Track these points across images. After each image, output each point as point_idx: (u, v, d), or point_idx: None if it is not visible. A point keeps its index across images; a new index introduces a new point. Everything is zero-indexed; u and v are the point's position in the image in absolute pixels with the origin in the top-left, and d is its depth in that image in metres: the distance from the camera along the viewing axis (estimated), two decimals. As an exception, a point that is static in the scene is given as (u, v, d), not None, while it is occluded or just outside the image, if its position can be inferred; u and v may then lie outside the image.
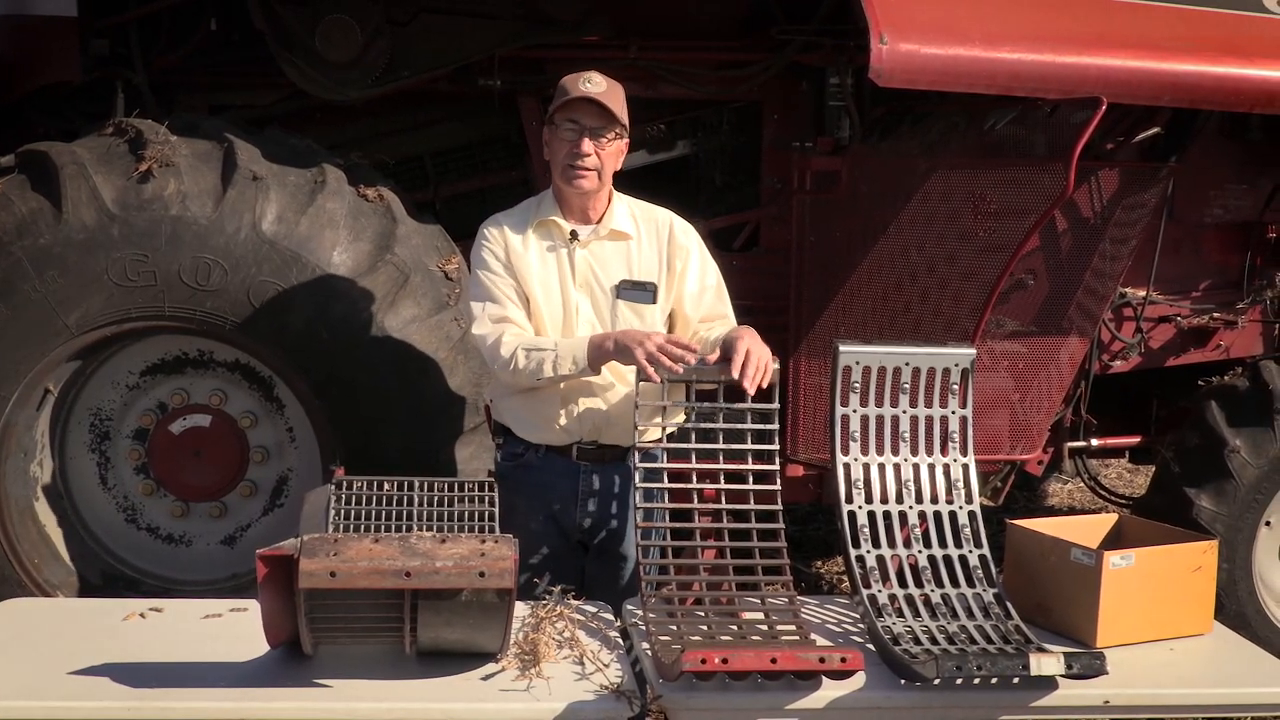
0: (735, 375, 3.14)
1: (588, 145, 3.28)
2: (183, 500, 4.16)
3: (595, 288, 3.37)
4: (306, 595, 2.51)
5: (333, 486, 2.98)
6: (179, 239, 3.77)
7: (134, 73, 4.33)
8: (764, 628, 2.96)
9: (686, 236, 3.48)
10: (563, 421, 3.35)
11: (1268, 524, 4.59)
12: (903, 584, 3.06)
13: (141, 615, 3.05)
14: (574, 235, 3.37)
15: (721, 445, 3.23)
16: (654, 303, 3.40)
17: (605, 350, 3.20)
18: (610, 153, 3.33)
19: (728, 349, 3.22)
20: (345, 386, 3.84)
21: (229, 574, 4.13)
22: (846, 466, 3.19)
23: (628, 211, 3.46)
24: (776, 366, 3.21)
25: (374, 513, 2.92)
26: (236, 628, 2.95)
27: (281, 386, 4.06)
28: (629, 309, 3.38)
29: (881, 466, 3.21)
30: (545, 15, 4.27)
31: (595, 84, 3.28)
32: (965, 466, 3.23)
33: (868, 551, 3.10)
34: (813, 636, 2.94)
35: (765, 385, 3.20)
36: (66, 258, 3.76)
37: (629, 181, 4.75)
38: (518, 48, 4.32)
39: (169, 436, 4.09)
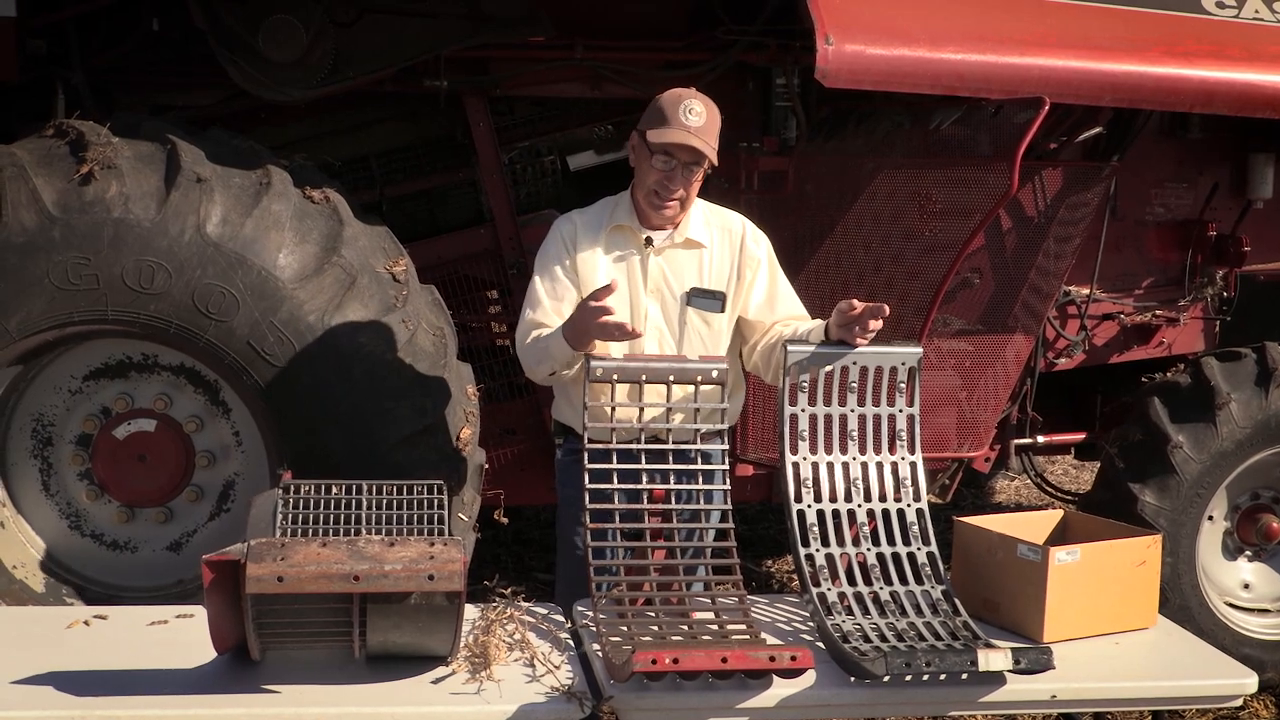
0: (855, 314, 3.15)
1: (677, 182, 3.30)
2: (127, 506, 4.10)
3: (666, 294, 3.40)
4: (254, 600, 2.49)
5: (280, 490, 2.94)
6: (121, 241, 3.71)
7: (72, 72, 4.27)
8: (714, 627, 2.97)
9: (758, 246, 3.50)
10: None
11: (1210, 518, 4.64)
12: (852, 582, 3.07)
13: (86, 623, 3.02)
14: (649, 241, 3.40)
15: (671, 445, 3.23)
16: (722, 311, 3.43)
17: (581, 336, 3.20)
18: (696, 181, 3.35)
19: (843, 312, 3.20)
20: (292, 390, 3.80)
21: (175, 580, 4.08)
22: (795, 465, 3.20)
23: (703, 219, 3.48)
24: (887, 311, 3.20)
25: (322, 516, 2.89)
26: (183, 634, 2.92)
27: (227, 390, 4.01)
28: (697, 316, 3.42)
29: (830, 465, 3.22)
30: (489, 15, 4.25)
31: (695, 117, 3.26)
32: (913, 464, 3.25)
33: (817, 550, 3.11)
34: (763, 635, 2.95)
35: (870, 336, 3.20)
36: (6, 261, 3.70)
37: (576, 182, 4.76)
38: (462, 47, 4.30)
39: (113, 441, 4.03)
